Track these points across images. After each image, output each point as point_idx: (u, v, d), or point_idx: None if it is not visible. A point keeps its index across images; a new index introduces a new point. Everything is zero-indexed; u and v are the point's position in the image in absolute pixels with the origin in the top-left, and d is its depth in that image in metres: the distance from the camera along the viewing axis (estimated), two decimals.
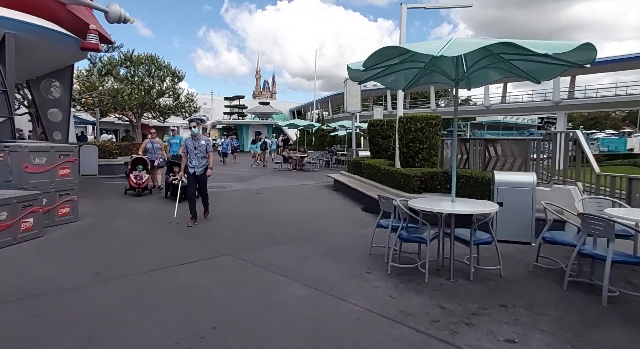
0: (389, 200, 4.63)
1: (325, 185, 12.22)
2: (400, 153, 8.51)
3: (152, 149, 9.41)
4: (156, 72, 20.09)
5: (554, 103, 26.48)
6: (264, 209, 7.85)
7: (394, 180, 7.78)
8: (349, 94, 17.32)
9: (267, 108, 41.84)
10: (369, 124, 11.19)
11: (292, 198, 9.72)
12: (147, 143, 9.48)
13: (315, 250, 4.98)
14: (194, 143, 6.24)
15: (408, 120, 8.11)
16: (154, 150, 9.43)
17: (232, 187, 11.16)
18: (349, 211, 7.89)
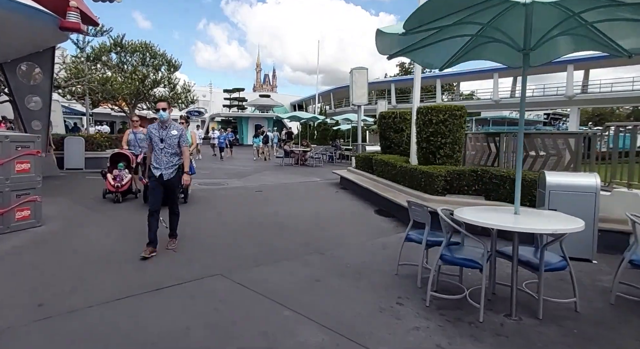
0: (422, 208, 3.64)
1: (331, 182, 11.24)
2: (419, 148, 7.51)
3: (134, 141, 7.75)
4: (151, 60, 19.03)
5: (567, 98, 25.41)
6: (264, 211, 6.87)
7: (413, 179, 6.79)
8: (355, 85, 16.27)
9: (268, 100, 40.73)
10: (380, 117, 10.18)
11: (295, 197, 8.73)
12: (129, 135, 7.89)
13: (327, 268, 4.01)
14: (160, 133, 4.28)
15: (429, 111, 7.10)
16: (137, 142, 7.75)
17: (229, 184, 10.18)
18: (361, 215, 6.91)
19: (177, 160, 4.38)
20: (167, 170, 4.28)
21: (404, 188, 7.02)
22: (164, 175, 4.25)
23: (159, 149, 4.27)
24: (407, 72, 51.06)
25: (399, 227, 5.94)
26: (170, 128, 4.32)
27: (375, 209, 7.37)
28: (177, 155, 4.37)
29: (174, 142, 4.31)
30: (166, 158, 4.28)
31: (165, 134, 4.28)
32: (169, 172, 4.29)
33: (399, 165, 7.47)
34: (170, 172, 4.30)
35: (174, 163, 4.33)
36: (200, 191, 8.80)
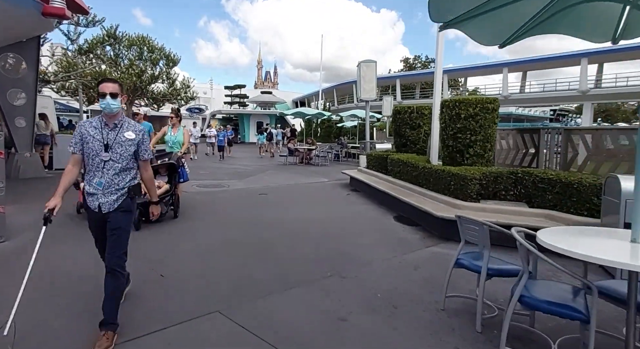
0: (481, 225, 2.80)
1: (340, 183, 10.41)
2: (444, 147, 6.67)
3: None
4: (148, 55, 18.17)
5: (580, 93, 24.44)
6: (270, 219, 6.05)
7: (439, 182, 5.95)
8: (362, 80, 15.39)
9: (270, 97, 39.86)
10: (395, 112, 9.33)
11: (303, 201, 7.91)
12: None
13: (352, 299, 3.19)
14: (103, 134, 2.53)
15: (456, 104, 6.25)
16: None
17: (230, 186, 9.36)
18: (378, 222, 6.08)
19: (129, 181, 2.59)
20: (108, 196, 2.51)
21: (428, 192, 6.18)
22: (103, 205, 2.51)
23: (99, 161, 2.48)
24: (412, 67, 50.11)
25: (426, 239, 5.11)
26: (123, 127, 2.55)
27: (394, 215, 6.54)
28: (129, 171, 2.60)
29: (126, 152, 2.54)
30: (109, 176, 2.50)
31: (114, 137, 2.51)
32: (110, 200, 2.51)
33: (421, 166, 6.63)
34: (113, 200, 2.52)
35: (120, 186, 2.54)
36: (198, 195, 7.98)
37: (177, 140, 6.28)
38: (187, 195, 7.80)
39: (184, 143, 6.34)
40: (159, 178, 5.65)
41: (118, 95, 2.53)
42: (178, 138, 6.30)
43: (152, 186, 2.91)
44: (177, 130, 6.35)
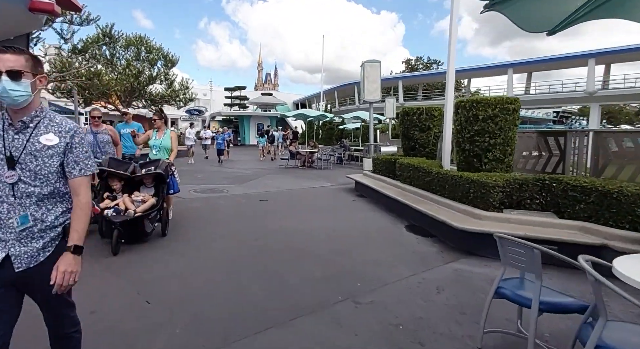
0: (530, 249, 2.30)
1: (345, 188, 9.92)
2: (459, 151, 6.19)
3: (93, 144, 5.37)
4: (146, 55, 17.76)
5: (587, 94, 23.94)
6: (271, 228, 5.57)
7: (456, 189, 5.47)
8: (366, 80, 14.97)
9: (270, 98, 39.42)
10: (403, 113, 8.85)
11: (306, 208, 7.42)
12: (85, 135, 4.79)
13: (369, 331, 2.71)
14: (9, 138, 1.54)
15: (474, 105, 5.77)
16: (97, 145, 5.42)
17: (228, 191, 8.88)
18: (389, 232, 5.59)
19: (59, 216, 1.64)
20: (26, 244, 1.57)
21: (443, 200, 5.70)
22: (17, 260, 1.55)
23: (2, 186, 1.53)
24: (414, 68, 49.69)
25: (445, 253, 4.62)
26: (40, 127, 1.59)
27: (405, 225, 6.05)
28: (58, 199, 1.65)
29: (46, 167, 1.58)
30: (22, 208, 1.55)
31: (22, 144, 1.55)
32: (31, 250, 1.57)
33: (435, 171, 6.15)
34: (36, 250, 1.58)
35: (47, 225, 1.60)
36: (194, 202, 7.50)
37: (162, 145, 5.41)
38: (183, 202, 7.32)
39: (172, 149, 5.41)
40: (143, 190, 4.91)
41: (23, 75, 1.50)
42: (164, 142, 5.42)
43: (82, 223, 1.62)
44: (162, 133, 5.50)
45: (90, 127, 5.57)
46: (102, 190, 4.78)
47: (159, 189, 4.91)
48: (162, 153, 5.41)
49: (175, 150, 5.47)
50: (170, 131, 5.58)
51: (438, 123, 8.60)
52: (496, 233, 2.56)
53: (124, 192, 4.81)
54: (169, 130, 5.60)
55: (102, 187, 4.80)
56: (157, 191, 4.90)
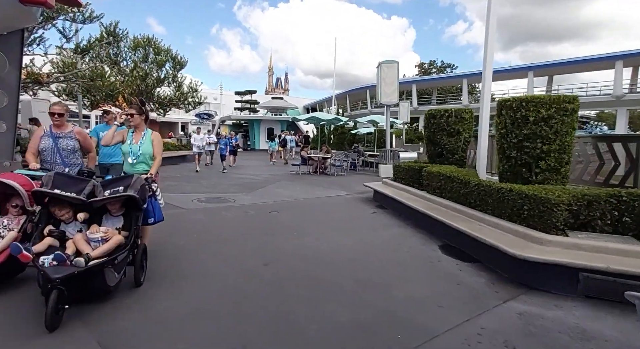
0: None
1: (362, 197, 9.06)
2: (503, 158, 5.29)
3: (51, 151, 3.96)
4: (154, 57, 17.24)
5: (614, 98, 22.69)
6: (281, 249, 4.74)
7: (503, 204, 4.56)
8: (383, 82, 14.16)
9: (281, 102, 38.82)
10: (428, 116, 7.98)
11: (322, 221, 6.57)
12: (42, 139, 3.97)
13: None
14: None
15: (522, 104, 4.89)
16: (58, 154, 3.98)
17: (235, 201, 8.09)
18: (423, 255, 4.71)
19: None
20: None
21: (486, 217, 4.80)
22: None
23: None
24: (427, 72, 48.72)
25: (496, 285, 3.73)
26: None
27: (439, 245, 5.16)
28: None
29: None
30: None
31: None
32: None
33: (474, 182, 5.25)
34: None
35: None
36: (195, 213, 6.72)
37: (142, 152, 3.84)
38: (183, 214, 6.56)
39: (156, 157, 3.89)
40: (107, 222, 3.32)
41: None
42: (144, 148, 3.85)
43: None
44: (141, 135, 3.90)
45: (50, 128, 4.00)
46: (42, 222, 3.16)
47: (131, 219, 3.34)
48: (141, 164, 3.87)
49: (160, 159, 3.94)
50: (151, 132, 3.99)
51: (469, 127, 7.72)
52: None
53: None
54: (149, 130, 3.99)
55: (43, 218, 3.18)
56: (129, 223, 3.33)
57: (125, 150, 3.90)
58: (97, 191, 3.32)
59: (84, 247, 2.99)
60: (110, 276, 2.96)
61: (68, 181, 3.30)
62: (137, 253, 3.38)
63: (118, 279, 3.04)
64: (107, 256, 2.96)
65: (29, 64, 10.94)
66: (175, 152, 17.47)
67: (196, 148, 14.54)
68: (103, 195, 3.27)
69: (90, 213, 3.31)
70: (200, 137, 14.38)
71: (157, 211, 3.71)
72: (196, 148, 14.54)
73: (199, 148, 14.51)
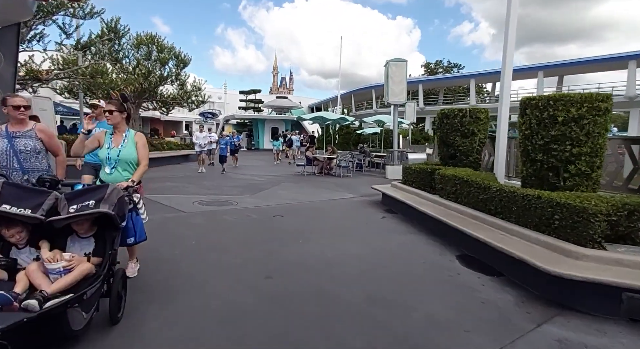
0: None
1: (370, 200, 8.68)
2: (527, 162, 4.88)
3: (7, 154, 3.22)
4: (157, 54, 16.95)
5: (627, 99, 22.10)
6: (286, 258, 4.37)
7: (530, 213, 4.16)
8: (391, 81, 13.76)
9: (286, 102, 38.52)
10: (441, 116, 7.57)
11: (329, 226, 6.19)
12: None
13: None
14: None
15: (550, 103, 4.48)
16: (15, 157, 3.25)
17: (238, 203, 7.73)
18: (440, 266, 4.31)
19: None
20: None
21: (509, 225, 4.40)
22: None
23: None
24: (433, 72, 48.18)
25: (526, 304, 3.33)
26: None
27: (457, 254, 4.77)
28: None
29: None
30: None
31: None
32: None
33: (495, 188, 4.84)
34: None
35: None
36: (195, 217, 6.36)
37: (123, 158, 3.21)
38: (182, 217, 6.21)
39: (140, 163, 3.25)
40: (72, 246, 2.61)
41: None
42: (125, 154, 3.22)
43: None
44: (122, 137, 3.26)
45: (6, 127, 3.27)
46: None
47: (105, 242, 2.65)
48: (121, 172, 3.22)
49: (146, 164, 3.27)
50: (134, 133, 3.36)
51: (484, 128, 7.30)
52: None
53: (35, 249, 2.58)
54: (132, 131, 3.37)
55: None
56: (101, 247, 2.64)
57: (102, 157, 3.22)
58: (61, 206, 2.54)
59: (41, 281, 2.27)
60: (76, 317, 2.20)
61: (22, 194, 2.54)
62: (114, 282, 2.64)
63: (87, 319, 2.30)
64: (72, 291, 2.23)
65: (28, 61, 10.66)
66: (177, 152, 17.16)
67: (198, 148, 13.70)
68: (68, 212, 2.48)
69: (50, 235, 2.57)
70: (202, 136, 13.63)
71: (138, 228, 3.04)
72: (198, 148, 13.70)
73: (201, 147, 13.63)
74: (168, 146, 16.70)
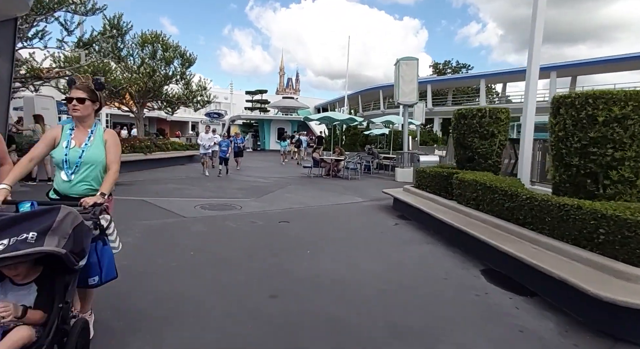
0: None
1: (380, 205, 8.24)
2: (560, 167, 4.41)
3: None
4: (162, 53, 16.64)
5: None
6: (292, 274, 3.94)
7: (568, 225, 3.69)
8: (401, 80, 13.30)
9: (292, 102, 38.16)
10: (458, 116, 7.10)
11: (339, 235, 5.76)
12: None
13: None
14: None
15: (588, 101, 4.02)
16: None
17: (242, 208, 7.33)
18: (466, 284, 3.86)
19: None
20: None
21: (542, 238, 3.94)
22: None
23: None
24: (441, 72, 47.52)
25: (570, 333, 2.88)
26: None
27: (481, 269, 4.31)
28: None
29: None
30: None
31: None
32: None
33: (525, 195, 4.37)
34: None
35: None
36: (195, 223, 5.96)
37: (85, 162, 2.36)
38: (182, 223, 5.83)
39: (110, 168, 2.40)
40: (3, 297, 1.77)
41: None
42: (90, 156, 2.37)
43: None
44: (87, 134, 2.42)
45: None
46: None
47: (53, 290, 1.85)
48: (84, 183, 2.37)
49: (117, 170, 2.40)
50: (103, 130, 2.50)
51: (504, 129, 6.83)
52: None
53: None
54: (100, 126, 2.51)
55: None
56: (46, 297, 1.84)
57: (57, 159, 2.34)
58: None
59: None
60: None
61: None
62: (69, 340, 1.83)
63: None
64: None
65: (29, 59, 10.39)
66: (182, 152, 16.83)
67: (203, 150, 12.75)
68: None
69: None
70: (208, 137, 12.92)
71: (106, 263, 2.14)
72: (203, 150, 12.75)
73: (205, 149, 12.67)
74: (172, 146, 16.37)
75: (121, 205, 7.13)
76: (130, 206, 6.92)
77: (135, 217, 5.98)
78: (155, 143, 15.06)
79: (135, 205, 7.11)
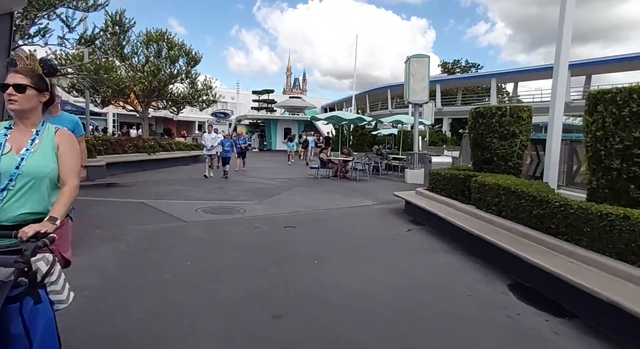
0: None
1: (391, 208, 7.81)
2: (597, 170, 3.96)
3: None
4: (167, 52, 16.40)
5: None
6: (298, 287, 3.55)
7: (613, 237, 3.24)
8: (412, 78, 12.84)
9: (299, 102, 37.81)
10: (475, 115, 6.65)
11: (349, 243, 5.34)
12: None
13: None
14: None
15: (633, 97, 3.57)
16: None
17: (246, 211, 6.95)
18: (492, 303, 3.43)
19: None
20: None
21: (583, 252, 3.49)
22: None
23: None
24: (450, 72, 46.83)
25: None
26: None
27: (508, 283, 3.87)
28: None
29: None
30: None
31: None
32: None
33: (557, 201, 3.92)
34: None
35: None
36: (196, 228, 5.60)
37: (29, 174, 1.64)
38: (182, 228, 5.47)
39: (65, 182, 1.71)
40: None
41: None
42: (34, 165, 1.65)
43: None
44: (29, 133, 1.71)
45: None
46: None
47: None
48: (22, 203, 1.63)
49: (75, 185, 1.72)
50: (55, 130, 1.79)
51: (526, 129, 6.37)
52: None
53: None
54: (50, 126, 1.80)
55: None
56: None
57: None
58: None
59: None
60: None
61: None
62: None
63: None
64: None
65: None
66: (187, 152, 16.55)
67: (206, 151, 12.31)
68: None
69: None
70: (211, 137, 12.56)
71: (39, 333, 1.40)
72: (206, 151, 12.31)
73: (208, 149, 12.21)
74: (177, 146, 16.10)
75: (118, 208, 6.82)
76: (128, 209, 6.59)
77: (132, 221, 5.64)
78: (159, 143, 14.79)
79: (134, 208, 6.78)
